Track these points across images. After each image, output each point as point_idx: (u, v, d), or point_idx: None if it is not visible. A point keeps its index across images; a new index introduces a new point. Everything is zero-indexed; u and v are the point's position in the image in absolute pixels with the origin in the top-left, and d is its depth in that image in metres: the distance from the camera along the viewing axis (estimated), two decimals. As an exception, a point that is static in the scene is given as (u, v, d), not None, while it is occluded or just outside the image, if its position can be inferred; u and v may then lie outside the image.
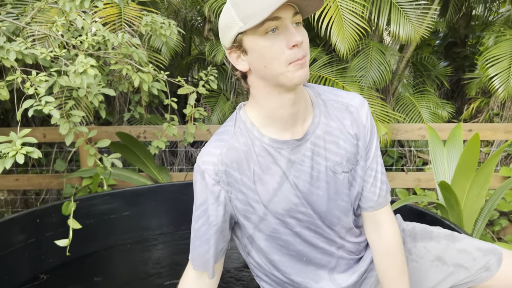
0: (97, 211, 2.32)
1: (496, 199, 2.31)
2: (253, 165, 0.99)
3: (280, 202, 1.02)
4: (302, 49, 0.89)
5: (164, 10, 3.58)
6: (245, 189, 1.01)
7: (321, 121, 1.02)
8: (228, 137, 1.01)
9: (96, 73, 1.74)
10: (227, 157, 0.99)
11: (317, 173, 1.02)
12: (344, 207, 1.08)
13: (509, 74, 3.25)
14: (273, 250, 1.09)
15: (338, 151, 1.03)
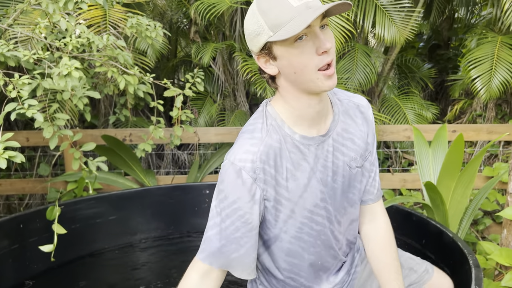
0: (83, 216, 2.29)
1: (480, 198, 2.34)
2: (285, 162, 1.00)
3: (308, 197, 1.03)
4: (330, 54, 0.91)
5: (149, 12, 3.56)
6: (278, 186, 1.00)
7: (340, 119, 1.08)
8: (262, 134, 1.00)
9: (80, 76, 1.72)
10: (265, 155, 0.98)
11: (336, 168, 1.06)
12: (351, 199, 1.13)
13: (490, 76, 3.30)
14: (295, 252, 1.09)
15: (354, 147, 1.09)
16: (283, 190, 1.01)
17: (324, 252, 1.13)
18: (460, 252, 1.58)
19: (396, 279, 1.17)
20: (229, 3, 3.03)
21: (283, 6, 0.88)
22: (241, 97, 3.82)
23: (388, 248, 1.19)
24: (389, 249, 1.19)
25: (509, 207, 2.06)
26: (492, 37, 3.52)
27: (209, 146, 3.80)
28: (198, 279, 1.03)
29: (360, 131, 1.11)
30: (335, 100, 1.10)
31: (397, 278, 1.17)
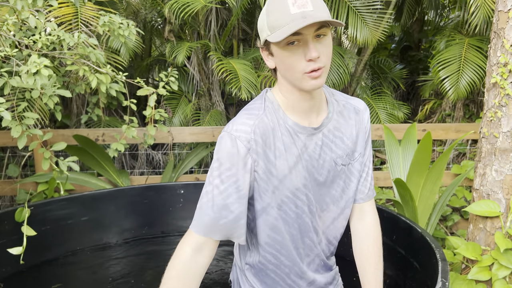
0: (54, 217, 2.24)
1: (448, 195, 2.42)
2: (277, 141, 1.07)
3: (292, 179, 1.09)
4: (318, 61, 0.98)
5: (122, 10, 3.51)
6: (267, 161, 1.07)
7: (333, 117, 1.14)
8: (259, 112, 1.08)
9: (50, 74, 1.68)
10: (259, 129, 1.05)
11: (323, 162, 1.12)
12: (334, 195, 1.17)
13: (458, 77, 3.41)
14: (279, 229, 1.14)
15: (342, 146, 1.14)
16: (271, 166, 1.07)
17: (301, 237, 1.17)
18: (428, 247, 1.63)
19: (374, 274, 1.22)
20: (204, 2, 3.03)
21: (282, 12, 0.96)
22: (217, 96, 3.82)
23: (372, 245, 1.24)
24: (373, 246, 1.24)
25: (475, 202, 2.13)
26: (460, 39, 3.63)
27: (184, 146, 3.78)
28: (191, 253, 1.06)
29: (351, 132, 1.17)
30: (332, 100, 1.17)
31: (375, 273, 1.23)
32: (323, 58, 0.99)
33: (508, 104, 2.03)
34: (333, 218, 1.21)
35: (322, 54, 0.98)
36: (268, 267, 1.21)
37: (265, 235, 1.15)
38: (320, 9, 0.97)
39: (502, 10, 2.02)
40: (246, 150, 1.03)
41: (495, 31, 2.07)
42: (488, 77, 2.11)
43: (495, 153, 2.09)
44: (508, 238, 2.07)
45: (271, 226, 1.14)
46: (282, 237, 1.15)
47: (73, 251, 2.30)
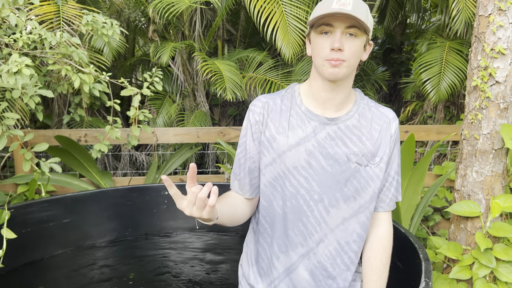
0: (35, 219, 2.19)
1: (430, 195, 2.46)
2: (284, 120, 1.20)
3: (290, 157, 1.18)
4: (341, 54, 1.09)
5: (106, 9, 3.47)
6: (269, 134, 1.20)
7: (354, 116, 1.20)
8: (275, 95, 1.25)
9: (32, 73, 1.65)
10: (269, 106, 1.22)
11: (333, 153, 1.17)
12: (346, 193, 1.18)
13: (439, 79, 3.48)
14: (266, 197, 1.24)
15: (359, 145, 1.18)
16: (272, 140, 1.20)
17: (292, 217, 1.20)
18: (411, 247, 1.66)
19: (376, 282, 1.23)
20: (188, 2, 3.01)
21: (326, 4, 1.08)
22: (201, 97, 3.80)
23: (380, 255, 1.26)
24: (381, 256, 1.26)
25: (456, 203, 2.18)
26: (441, 43, 3.70)
27: (168, 146, 3.75)
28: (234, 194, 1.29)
29: (372, 135, 1.20)
30: (360, 103, 1.23)
31: (377, 282, 1.24)
32: (347, 53, 1.09)
33: (488, 106, 2.08)
34: (343, 218, 1.20)
35: (346, 49, 1.09)
36: (258, 230, 1.29)
37: (262, 199, 1.27)
38: (358, 11, 1.06)
39: (483, 15, 2.06)
40: (254, 121, 1.22)
41: (476, 35, 2.11)
42: (469, 80, 2.16)
43: (475, 154, 2.14)
44: (488, 238, 2.12)
45: (261, 191, 1.25)
46: (269, 205, 1.23)
47: (54, 254, 2.26)
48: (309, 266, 1.22)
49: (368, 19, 1.09)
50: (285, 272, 1.24)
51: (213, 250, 2.46)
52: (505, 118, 2.06)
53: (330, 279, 1.23)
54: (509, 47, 2.01)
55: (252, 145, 1.23)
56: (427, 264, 1.50)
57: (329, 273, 1.23)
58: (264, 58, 3.60)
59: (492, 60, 2.03)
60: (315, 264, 1.22)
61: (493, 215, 2.06)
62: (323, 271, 1.22)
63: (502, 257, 2.03)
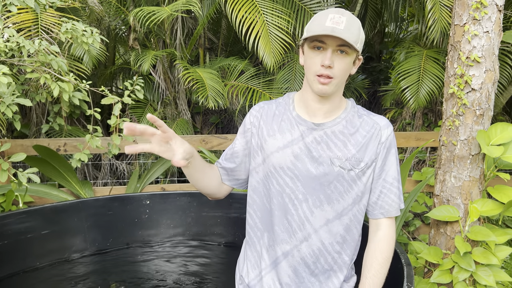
0: (12, 231, 2.13)
1: (411, 201, 2.50)
2: (275, 124, 1.29)
3: (278, 158, 1.26)
4: (330, 71, 1.15)
5: (85, 18, 3.44)
6: (261, 136, 1.30)
7: (341, 123, 1.25)
8: (274, 102, 1.35)
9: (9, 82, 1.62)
10: (263, 110, 1.34)
11: (318, 156, 1.23)
12: (329, 196, 1.24)
13: (418, 87, 3.55)
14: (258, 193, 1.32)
15: (342, 149, 1.23)
16: (263, 141, 1.29)
17: (278, 214, 1.27)
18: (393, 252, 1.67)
19: (370, 278, 1.28)
20: (169, 11, 3.01)
21: (320, 21, 1.15)
22: (183, 105, 3.79)
23: (377, 253, 1.30)
24: (377, 255, 1.30)
25: (435, 208, 2.21)
26: (419, 51, 3.79)
27: (149, 155, 3.72)
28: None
29: (358, 140, 1.23)
30: (351, 111, 1.28)
31: (372, 279, 1.28)
32: (336, 71, 1.16)
33: (465, 113, 2.13)
34: (327, 219, 1.24)
35: (336, 67, 1.15)
36: (250, 224, 1.36)
37: (249, 194, 1.35)
38: (350, 31, 1.12)
39: (458, 24, 2.12)
40: (249, 122, 1.34)
41: (451, 44, 2.17)
42: (446, 88, 2.21)
43: (453, 160, 2.19)
44: (467, 241, 2.16)
45: (253, 187, 1.33)
46: (260, 201, 1.31)
47: (33, 267, 2.20)
48: (293, 262, 1.28)
49: (359, 36, 1.15)
50: (272, 265, 1.30)
51: (197, 259, 2.43)
52: (481, 125, 2.12)
53: (313, 277, 1.29)
54: (484, 55, 2.07)
55: (241, 141, 1.36)
56: (409, 269, 1.51)
57: (312, 271, 1.29)
58: (246, 67, 3.62)
59: (468, 68, 2.09)
60: (298, 261, 1.27)
61: (472, 219, 2.11)
62: (306, 268, 1.28)
63: (481, 260, 2.07)
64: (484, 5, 2.02)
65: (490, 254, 2.09)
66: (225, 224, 2.48)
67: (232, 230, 2.44)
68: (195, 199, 2.50)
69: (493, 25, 2.05)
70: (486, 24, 2.04)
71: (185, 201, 2.50)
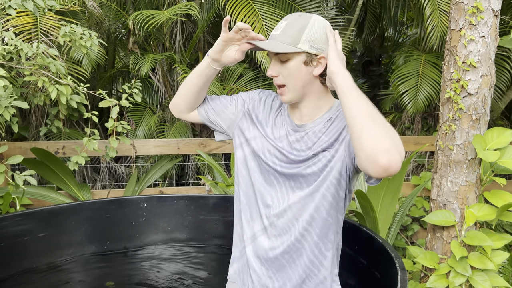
0: (9, 233, 2.14)
1: (407, 205, 2.50)
2: (271, 116, 1.32)
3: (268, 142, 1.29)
4: (278, 79, 1.17)
5: (85, 21, 3.45)
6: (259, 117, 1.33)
7: (322, 123, 1.24)
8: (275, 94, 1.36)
9: (6, 84, 1.63)
10: (265, 94, 1.36)
11: (296, 152, 1.25)
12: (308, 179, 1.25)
13: (417, 91, 3.56)
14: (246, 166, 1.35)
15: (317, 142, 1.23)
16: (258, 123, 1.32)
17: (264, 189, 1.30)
18: (388, 257, 1.67)
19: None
20: (168, 15, 3.02)
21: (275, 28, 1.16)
22: (182, 109, 3.79)
23: None
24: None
25: (432, 212, 2.21)
26: (417, 56, 3.80)
27: (148, 158, 3.72)
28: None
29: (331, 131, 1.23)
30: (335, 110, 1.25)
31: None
32: (281, 78, 1.15)
33: (461, 118, 2.13)
34: (300, 197, 1.25)
35: (281, 75, 1.15)
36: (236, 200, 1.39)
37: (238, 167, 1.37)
38: (286, 35, 1.11)
39: (455, 29, 2.13)
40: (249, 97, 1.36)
41: (448, 48, 2.18)
42: (443, 92, 2.21)
43: (450, 164, 2.19)
44: (464, 246, 2.16)
45: (241, 160, 1.35)
46: (246, 173, 1.33)
47: (30, 269, 2.20)
48: (271, 237, 1.29)
49: (300, 37, 1.13)
50: (251, 238, 1.33)
51: (193, 262, 2.44)
52: (478, 129, 2.12)
53: (286, 254, 1.29)
54: (480, 60, 2.07)
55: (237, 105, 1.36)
56: (403, 274, 1.52)
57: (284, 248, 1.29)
58: (244, 70, 3.63)
59: (464, 73, 2.10)
60: (276, 236, 1.28)
61: (468, 224, 2.11)
62: (281, 244, 1.29)
63: (477, 265, 2.07)
64: (480, 10, 2.02)
65: (487, 259, 2.08)
66: (222, 227, 2.48)
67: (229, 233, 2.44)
68: (192, 202, 2.50)
69: (489, 30, 2.05)
70: (482, 29, 2.05)
71: (182, 204, 2.50)
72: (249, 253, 1.34)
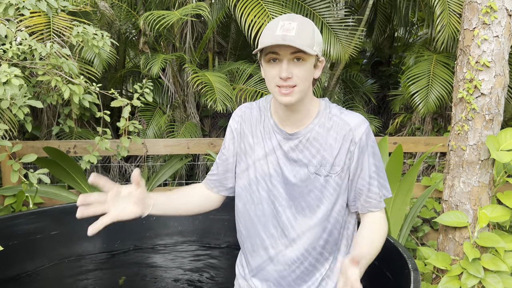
0: (22, 231, 2.16)
1: (418, 206, 2.48)
2: (258, 130, 1.28)
3: (262, 165, 1.26)
4: (290, 81, 1.12)
5: (96, 21, 3.48)
6: (246, 141, 1.29)
7: (314, 129, 1.23)
8: (253, 105, 1.34)
9: (21, 84, 1.65)
10: (245, 115, 1.32)
11: (296, 164, 1.23)
12: (309, 203, 1.24)
13: (427, 92, 3.53)
14: (241, 199, 1.32)
15: (316, 156, 1.22)
16: (249, 147, 1.29)
17: (265, 220, 1.27)
18: (400, 257, 1.66)
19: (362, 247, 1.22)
20: (179, 15, 3.04)
21: (270, 31, 1.11)
22: (192, 108, 3.81)
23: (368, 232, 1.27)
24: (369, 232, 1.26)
25: (444, 213, 2.20)
26: (428, 56, 3.77)
27: (158, 158, 3.74)
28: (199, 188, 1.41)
29: (330, 144, 1.21)
30: (324, 113, 1.24)
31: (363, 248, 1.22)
32: (296, 79, 1.12)
33: (474, 118, 2.12)
34: (309, 226, 1.25)
35: (295, 76, 1.12)
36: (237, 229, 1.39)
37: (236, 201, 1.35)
38: (302, 37, 1.08)
39: (468, 29, 2.11)
40: (233, 128, 1.32)
41: (461, 48, 2.16)
42: (455, 92, 2.20)
43: (462, 165, 2.17)
44: (476, 248, 2.14)
45: (237, 193, 1.33)
46: (243, 207, 1.31)
47: (42, 267, 2.22)
48: (278, 267, 1.29)
49: (314, 39, 1.12)
50: (256, 269, 1.33)
51: (203, 261, 2.44)
52: (491, 129, 2.10)
53: (298, 279, 1.30)
54: (494, 60, 2.05)
55: (229, 148, 1.34)
56: (416, 274, 1.50)
57: (297, 274, 1.29)
58: (254, 70, 3.63)
59: (477, 73, 2.08)
60: (283, 265, 1.28)
61: (481, 225, 2.09)
62: (291, 272, 1.29)
63: (490, 267, 2.05)
64: (494, 10, 2.01)
65: (500, 260, 2.06)
66: (232, 227, 2.48)
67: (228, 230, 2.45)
68: (202, 202, 2.51)
69: (503, 29, 2.04)
70: (496, 28, 2.03)
71: (192, 204, 2.51)
72: (256, 282, 1.35)
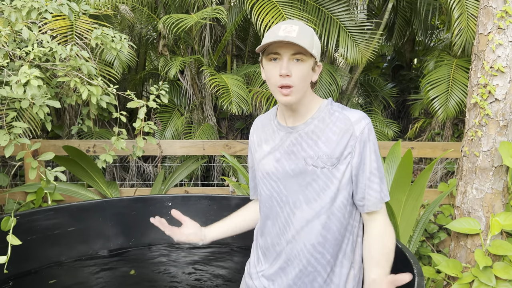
0: (40, 227, 2.24)
1: (430, 212, 2.45)
2: (263, 133, 1.38)
3: (264, 164, 1.34)
4: (289, 79, 1.17)
5: (117, 24, 3.58)
6: (256, 144, 1.40)
7: (313, 123, 1.28)
8: (268, 113, 1.43)
9: (40, 84, 1.72)
10: (256, 125, 1.44)
11: (294, 157, 1.28)
12: (307, 196, 1.27)
13: (447, 97, 3.48)
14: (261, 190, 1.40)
15: (314, 148, 1.26)
16: (254, 152, 1.41)
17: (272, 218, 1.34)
18: (406, 262, 1.65)
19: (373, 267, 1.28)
20: (197, 18, 3.09)
21: (273, 33, 1.17)
22: (209, 110, 3.87)
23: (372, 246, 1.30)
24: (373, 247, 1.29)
25: (456, 220, 2.16)
26: (448, 60, 3.71)
27: (175, 158, 3.81)
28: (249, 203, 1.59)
29: (329, 137, 1.24)
30: (325, 109, 1.29)
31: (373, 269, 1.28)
32: (294, 78, 1.17)
33: (488, 124, 2.08)
34: (307, 220, 1.27)
35: (294, 75, 1.17)
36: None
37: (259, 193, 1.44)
38: (302, 39, 1.14)
39: (483, 33, 2.09)
40: (251, 139, 1.44)
41: (475, 53, 2.13)
42: (469, 98, 2.17)
43: (475, 171, 2.14)
44: (488, 255, 2.10)
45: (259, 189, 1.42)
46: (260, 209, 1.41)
47: (59, 262, 2.30)
48: (282, 264, 1.33)
49: (313, 44, 1.18)
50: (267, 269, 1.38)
51: (216, 261, 2.47)
52: (505, 136, 2.06)
53: (298, 280, 1.32)
54: (509, 65, 2.02)
55: (250, 159, 1.46)
56: (420, 280, 1.49)
57: (296, 274, 1.32)
58: (271, 73, 3.65)
59: (492, 78, 2.05)
60: (287, 262, 1.32)
61: (493, 232, 2.05)
62: (293, 270, 1.32)
63: (502, 275, 2.00)
64: (509, 14, 1.97)
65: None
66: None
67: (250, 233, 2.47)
68: (215, 202, 2.55)
69: (519, 34, 2.00)
70: (511, 33, 1.99)
71: (205, 204, 2.54)
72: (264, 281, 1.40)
